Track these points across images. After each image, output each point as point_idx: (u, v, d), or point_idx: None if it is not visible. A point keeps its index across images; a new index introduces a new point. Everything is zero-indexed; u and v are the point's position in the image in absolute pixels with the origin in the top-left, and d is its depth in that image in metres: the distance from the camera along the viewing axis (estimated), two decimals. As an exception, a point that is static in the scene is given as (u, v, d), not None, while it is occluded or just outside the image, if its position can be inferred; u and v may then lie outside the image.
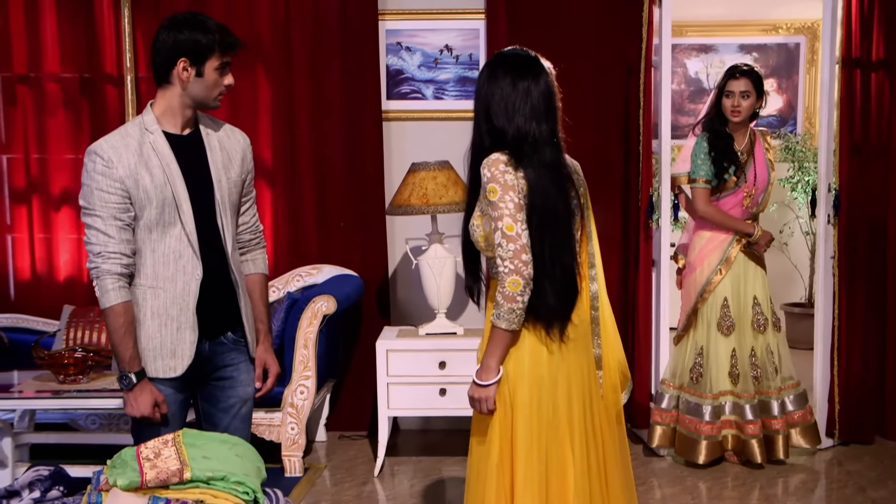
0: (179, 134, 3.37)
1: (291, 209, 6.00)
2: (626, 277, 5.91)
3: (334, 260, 5.96)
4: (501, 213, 2.94)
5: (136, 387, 3.31)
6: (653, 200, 5.60)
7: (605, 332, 3.29)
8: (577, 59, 5.80)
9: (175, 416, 3.42)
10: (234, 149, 3.48)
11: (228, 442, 3.05)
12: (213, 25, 3.32)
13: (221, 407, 3.51)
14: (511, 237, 2.93)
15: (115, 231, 3.26)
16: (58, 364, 4.69)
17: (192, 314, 3.34)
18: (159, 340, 3.34)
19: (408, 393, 5.29)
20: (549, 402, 3.06)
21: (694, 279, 5.40)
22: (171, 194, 3.30)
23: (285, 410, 5.26)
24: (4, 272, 6.11)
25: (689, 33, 8.82)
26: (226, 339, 3.47)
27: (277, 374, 3.63)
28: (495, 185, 2.95)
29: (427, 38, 5.99)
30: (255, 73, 5.96)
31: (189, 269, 3.34)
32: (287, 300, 5.51)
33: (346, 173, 5.96)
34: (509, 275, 2.94)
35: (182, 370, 3.36)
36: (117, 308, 3.27)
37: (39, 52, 5.98)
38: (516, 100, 3.02)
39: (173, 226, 3.32)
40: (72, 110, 5.99)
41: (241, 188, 3.50)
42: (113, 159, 3.27)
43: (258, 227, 3.63)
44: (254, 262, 3.62)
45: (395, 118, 6.00)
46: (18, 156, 6.06)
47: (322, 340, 5.42)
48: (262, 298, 3.61)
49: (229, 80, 3.39)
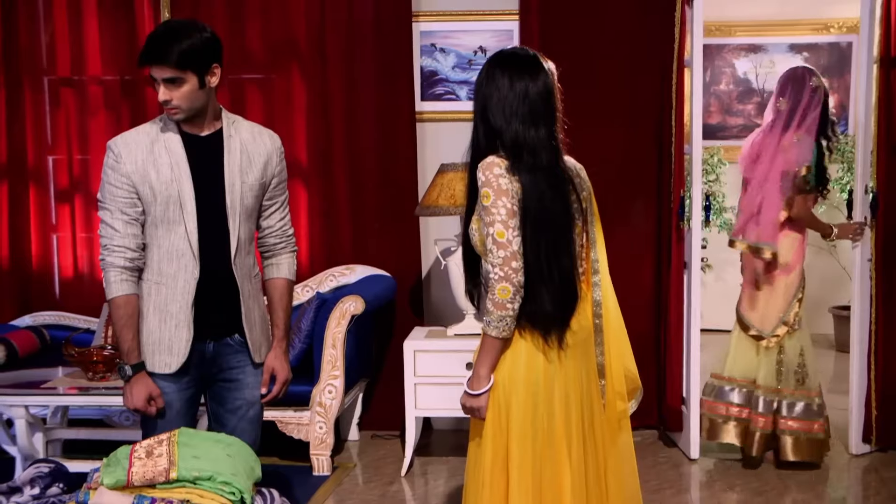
0: (198, 134, 3.37)
1: (326, 209, 6.00)
2: (658, 280, 5.82)
3: (368, 260, 5.95)
4: (493, 218, 2.87)
5: (131, 379, 3.33)
6: (684, 202, 5.49)
7: (612, 340, 3.20)
8: (610, 59, 5.78)
9: (180, 413, 3.43)
10: (257, 152, 3.44)
11: (223, 442, 3.04)
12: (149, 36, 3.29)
13: (228, 408, 3.51)
14: (501, 244, 2.87)
15: (122, 225, 3.30)
16: (87, 361, 4.74)
17: (189, 313, 3.34)
18: (158, 336, 3.36)
19: (435, 393, 5.25)
20: (544, 408, 2.99)
21: (792, 280, 5.27)
22: (177, 193, 3.30)
23: (313, 409, 5.26)
24: (49, 270, 6.20)
25: (737, 33, 8.66)
26: (232, 340, 3.46)
27: (286, 381, 3.58)
28: (489, 189, 2.88)
29: (461, 40, 5.96)
30: (290, 74, 5.97)
31: (189, 268, 3.34)
32: (317, 300, 5.51)
33: (379, 174, 5.95)
34: (499, 282, 2.87)
35: (176, 367, 3.36)
36: (118, 300, 3.32)
37: (82, 55, 6.05)
38: (514, 101, 2.95)
39: (178, 224, 3.32)
40: (113, 111, 6.05)
41: (260, 192, 3.45)
42: (122, 154, 3.31)
43: (286, 231, 3.58)
44: (278, 266, 3.59)
45: (428, 119, 5.98)
46: (62, 157, 6.15)
47: (351, 340, 5.40)
48: (281, 303, 3.57)
49: (160, 94, 3.30)
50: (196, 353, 3.40)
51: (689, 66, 5.52)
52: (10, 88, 6.08)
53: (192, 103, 3.29)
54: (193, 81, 3.26)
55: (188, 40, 3.23)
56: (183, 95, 3.26)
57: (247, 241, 3.44)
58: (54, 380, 4.88)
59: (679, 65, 5.56)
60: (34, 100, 6.11)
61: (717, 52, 8.68)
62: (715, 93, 8.71)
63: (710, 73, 8.69)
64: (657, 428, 5.92)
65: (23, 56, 6.08)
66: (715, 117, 8.71)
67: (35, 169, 6.15)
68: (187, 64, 3.23)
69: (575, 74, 5.64)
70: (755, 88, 8.65)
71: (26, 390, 4.74)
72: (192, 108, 3.31)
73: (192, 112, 3.32)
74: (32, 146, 6.14)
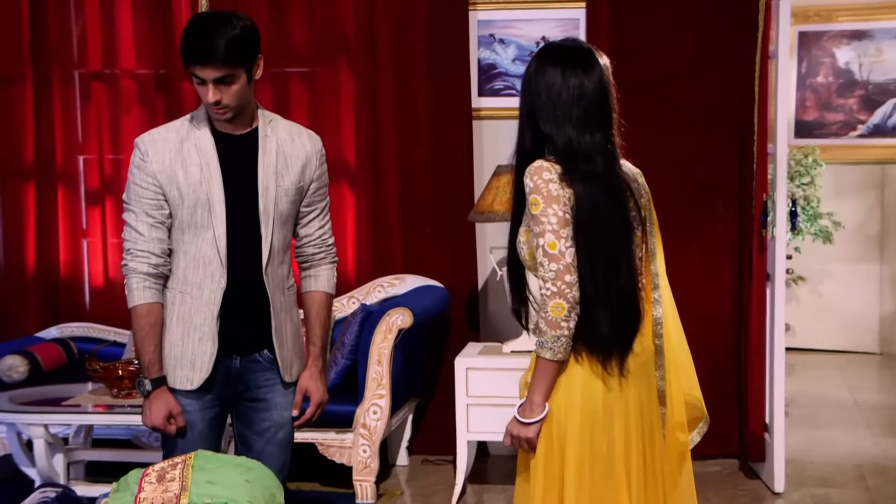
0: (232, 133, 3.39)
1: (375, 214, 6.03)
2: (740, 293, 5.76)
3: (420, 270, 5.95)
4: (543, 228, 2.83)
5: (151, 394, 3.37)
6: (767, 207, 5.44)
7: (673, 364, 3.15)
8: (686, 49, 5.74)
9: (202, 434, 3.45)
10: (295, 154, 3.45)
11: (242, 466, 3.05)
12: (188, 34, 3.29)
13: (255, 430, 3.53)
14: (553, 256, 2.82)
15: (146, 228, 3.34)
16: (111, 377, 4.81)
17: (214, 325, 3.37)
18: (181, 349, 3.39)
19: (489, 415, 5.24)
20: (602, 439, 2.94)
21: None
22: (206, 195, 3.33)
23: (357, 431, 5.28)
24: (79, 279, 6.31)
25: (839, 18, 8.51)
26: (261, 357, 3.47)
27: (321, 403, 3.56)
28: (538, 196, 2.85)
29: (522, 29, 5.94)
30: (337, 68, 6.03)
31: (216, 277, 3.36)
32: (362, 312, 5.53)
33: (433, 176, 5.96)
34: (552, 298, 2.83)
35: (198, 383, 3.39)
36: (140, 309, 3.36)
37: (115, 47, 6.16)
38: (567, 101, 2.89)
39: (206, 229, 3.35)
40: (147, 107, 6.15)
41: (297, 197, 3.46)
42: (149, 152, 3.34)
43: (326, 240, 3.58)
44: (315, 278, 3.59)
45: (486, 116, 5.98)
46: (93, 156, 6.26)
47: (399, 356, 5.42)
48: (318, 318, 3.57)
49: (210, 96, 3.28)
50: (221, 369, 3.42)
51: (773, 58, 5.45)
52: (38, 83, 6.20)
53: (241, 100, 3.31)
54: (243, 77, 3.28)
55: (232, 32, 3.22)
56: (234, 94, 3.27)
57: (280, 250, 3.45)
58: (77, 396, 4.96)
59: (763, 55, 5.51)
60: (63, 95, 6.23)
61: (815, 41, 8.55)
62: (812, 86, 8.58)
63: (807, 63, 8.56)
64: (738, 457, 5.84)
65: (52, 48, 6.20)
66: (811, 113, 8.58)
67: (64, 169, 6.27)
68: (236, 59, 3.23)
69: (648, 67, 5.74)
70: (858, 80, 8.48)
71: (45, 408, 4.82)
72: (240, 105, 3.32)
73: (240, 110, 3.34)
74: (61, 145, 6.25)
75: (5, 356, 5.58)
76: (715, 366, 5.75)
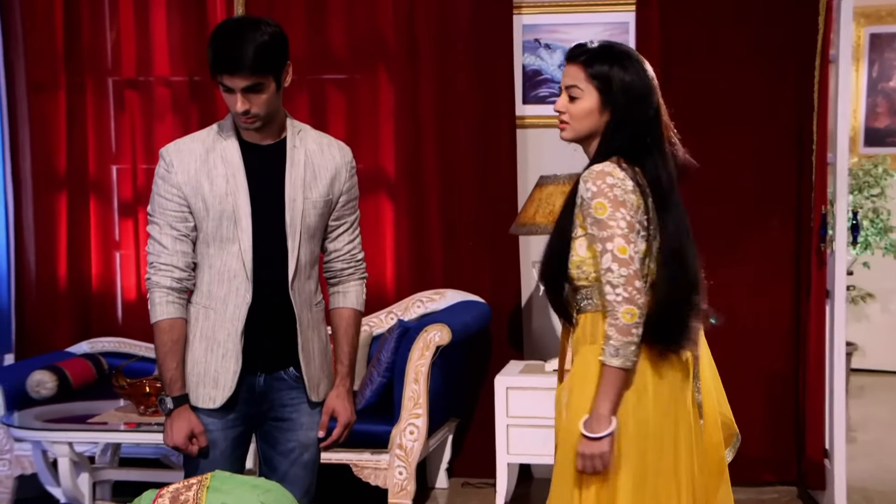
0: (259, 143, 3.43)
1: (415, 227, 6.08)
2: (798, 311, 5.74)
3: (461, 284, 6.00)
4: (612, 232, 2.90)
5: (172, 413, 3.41)
6: (826, 220, 5.41)
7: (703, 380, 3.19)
8: (740, 52, 5.75)
9: (224, 454, 3.48)
10: (324, 165, 3.47)
11: (260, 487, 3.09)
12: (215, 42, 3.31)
13: (280, 450, 3.54)
14: (624, 260, 2.88)
15: (170, 241, 3.38)
16: (139, 394, 4.89)
17: (238, 342, 3.40)
18: (203, 366, 3.42)
19: (531, 436, 5.27)
20: (653, 454, 2.99)
21: None
22: (232, 207, 3.37)
23: (393, 452, 5.32)
24: (112, 292, 6.41)
25: (914, 19, 8.47)
26: (287, 374, 3.49)
27: (348, 424, 3.57)
28: (603, 200, 2.91)
29: (569, 34, 5.95)
30: (376, 74, 6.08)
31: (241, 292, 3.39)
32: (398, 329, 5.57)
33: (475, 186, 6.00)
34: (622, 304, 2.88)
35: (221, 401, 3.42)
36: (162, 324, 3.40)
37: (149, 54, 6.27)
38: (649, 98, 3.03)
39: (231, 242, 3.38)
40: (181, 115, 6.24)
41: (325, 210, 3.48)
42: (174, 163, 3.38)
43: (356, 255, 3.60)
44: (344, 294, 3.61)
45: (531, 125, 6.01)
46: (126, 166, 6.36)
47: (437, 374, 5.45)
48: (346, 336, 3.59)
49: (238, 105, 3.31)
50: (245, 387, 3.45)
51: (834, 62, 5.43)
52: (71, 91, 6.31)
53: (270, 109, 3.34)
54: (272, 85, 3.30)
55: (261, 39, 3.25)
56: (263, 103, 3.29)
57: (308, 265, 3.48)
58: (103, 414, 5.04)
59: (823, 59, 5.53)
60: (97, 103, 6.34)
61: (888, 43, 8.49)
62: (883, 91, 8.52)
63: (878, 67, 8.50)
64: (796, 484, 5.81)
65: (86, 55, 6.31)
66: (882, 120, 8.51)
67: (97, 179, 6.37)
68: (265, 67, 3.25)
69: (700, 73, 5.77)
70: (931, 85, 8.43)
71: (70, 425, 4.90)
72: (269, 114, 3.35)
73: (268, 119, 3.37)
74: (94, 154, 6.36)
75: (33, 371, 5.67)
76: (771, 387, 5.78)
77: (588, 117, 3.05)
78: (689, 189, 5.62)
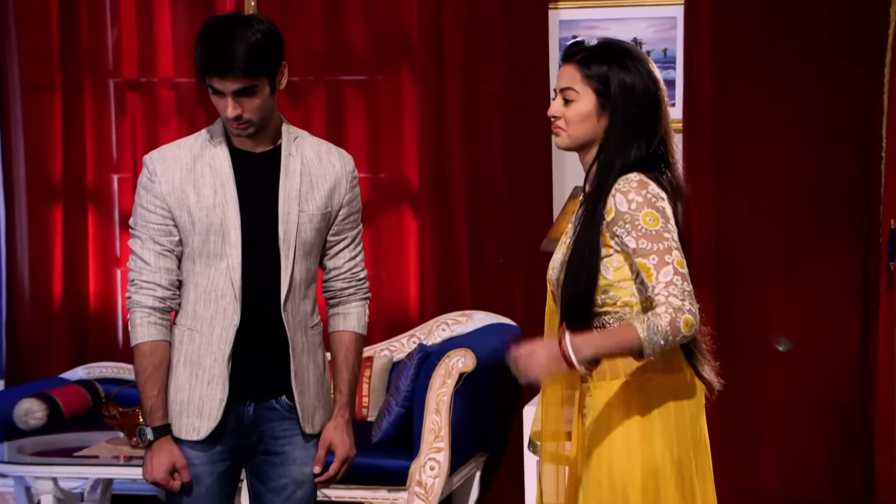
0: (252, 151, 3.39)
1: (440, 242, 6.02)
2: (866, 337, 5.68)
3: (490, 305, 5.94)
4: (669, 245, 2.84)
5: (153, 444, 3.37)
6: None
7: None
8: (799, 48, 5.71)
9: (210, 491, 3.43)
10: (323, 175, 3.44)
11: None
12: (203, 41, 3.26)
13: (272, 487, 3.50)
14: (685, 275, 2.82)
15: (153, 257, 3.34)
16: (131, 424, 4.81)
17: (225, 367, 3.35)
18: (188, 393, 3.37)
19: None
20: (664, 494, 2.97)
21: None
22: (220, 220, 3.32)
23: (412, 490, 5.24)
24: (111, 313, 6.37)
25: None
26: (279, 404, 3.44)
27: (346, 459, 3.52)
28: (653, 210, 2.86)
29: (611, 30, 5.86)
30: (399, 75, 6.04)
31: (229, 313, 3.35)
32: (419, 353, 5.51)
33: (506, 199, 5.95)
34: (686, 314, 2.77)
35: (206, 432, 3.36)
36: (143, 347, 3.37)
37: (153, 54, 6.24)
38: (661, 105, 2.99)
39: (219, 259, 3.34)
40: (186, 120, 6.19)
41: (322, 224, 3.45)
42: (158, 171, 3.35)
43: (357, 273, 3.57)
44: (344, 316, 3.57)
45: (568, 130, 5.92)
46: (127, 174, 6.33)
47: (461, 404, 5.36)
48: (346, 361, 3.55)
49: (229, 110, 3.26)
50: (232, 418, 3.40)
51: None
52: (68, 93, 6.28)
53: (264, 114, 3.31)
54: (266, 88, 3.27)
55: (253, 38, 3.21)
56: (256, 107, 3.26)
57: (303, 284, 3.43)
58: (93, 446, 4.97)
59: (893, 62, 5.51)
60: (96, 106, 6.30)
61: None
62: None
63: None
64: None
65: (84, 54, 6.28)
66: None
67: (95, 189, 6.34)
68: (258, 68, 3.22)
69: (755, 75, 5.74)
70: None
71: (54, 459, 4.84)
72: (263, 119, 3.32)
73: (262, 125, 3.34)
74: (93, 161, 6.33)
75: (22, 400, 5.59)
76: (836, 422, 5.74)
77: (585, 122, 2.99)
78: (745, 201, 5.62)
